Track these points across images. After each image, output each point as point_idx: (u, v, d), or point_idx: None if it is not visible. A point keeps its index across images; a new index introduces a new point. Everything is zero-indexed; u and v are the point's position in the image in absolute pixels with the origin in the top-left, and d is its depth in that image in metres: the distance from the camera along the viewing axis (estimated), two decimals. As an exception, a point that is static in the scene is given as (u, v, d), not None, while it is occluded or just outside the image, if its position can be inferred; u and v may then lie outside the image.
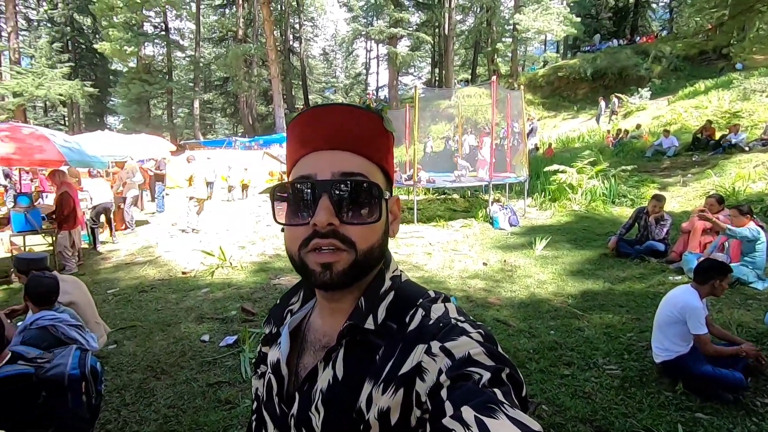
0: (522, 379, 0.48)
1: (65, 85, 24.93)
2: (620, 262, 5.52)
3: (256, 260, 6.32)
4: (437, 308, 0.58)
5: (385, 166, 0.62)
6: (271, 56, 24.46)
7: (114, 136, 12.03)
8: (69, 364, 2.19)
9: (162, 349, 3.64)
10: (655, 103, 19.18)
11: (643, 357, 3.21)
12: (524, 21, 23.78)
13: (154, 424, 2.68)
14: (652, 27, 32.97)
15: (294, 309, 0.71)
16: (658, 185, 9.72)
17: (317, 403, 0.57)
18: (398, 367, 0.53)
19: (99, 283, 5.48)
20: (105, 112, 37.34)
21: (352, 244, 0.55)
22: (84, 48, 33.24)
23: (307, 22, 40.17)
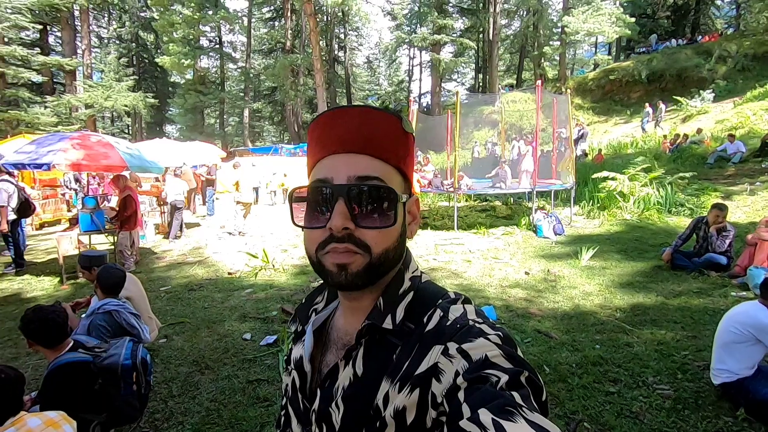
0: (542, 383, 0.47)
1: (130, 96, 26.89)
2: (675, 275, 5.17)
3: (297, 263, 6.49)
4: (455, 309, 0.58)
5: (403, 168, 0.62)
6: (316, 66, 25.18)
7: (171, 143, 12.83)
8: (122, 355, 2.35)
9: (207, 345, 3.82)
10: (718, 105, 17.86)
11: (699, 378, 2.98)
12: (573, 23, 22.94)
13: (197, 416, 2.81)
14: (716, 25, 30.77)
15: (318, 308, 0.73)
16: (721, 194, 9.03)
17: (337, 400, 0.59)
18: (414, 367, 0.53)
19: (153, 280, 5.84)
20: (164, 121, 39.88)
21: (367, 247, 0.56)
22: (147, 62, 35.77)
23: (352, 32, 41.01)
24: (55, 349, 2.21)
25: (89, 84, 25.99)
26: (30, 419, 1.63)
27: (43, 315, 2.20)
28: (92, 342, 2.43)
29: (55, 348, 2.21)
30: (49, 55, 24.49)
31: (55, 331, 2.20)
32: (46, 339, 2.18)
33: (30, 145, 5.81)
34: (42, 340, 2.17)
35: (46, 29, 25.93)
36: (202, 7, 27.43)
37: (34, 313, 2.19)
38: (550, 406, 0.45)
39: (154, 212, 9.96)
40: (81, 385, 2.15)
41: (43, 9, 22.30)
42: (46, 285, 5.76)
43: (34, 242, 8.48)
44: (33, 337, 2.16)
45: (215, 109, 37.11)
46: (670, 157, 12.86)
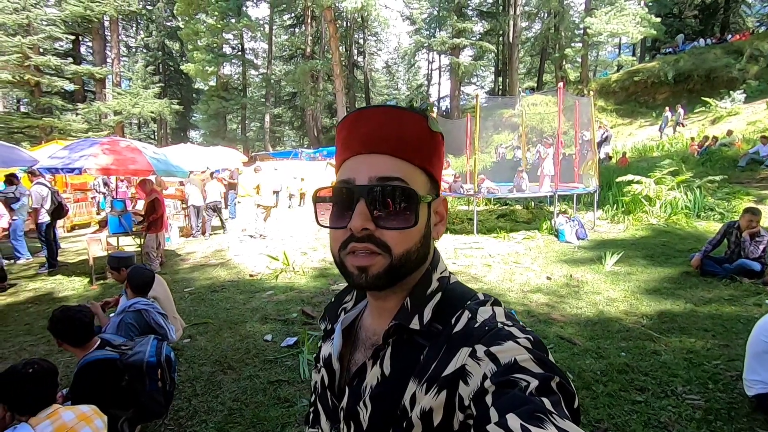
0: (573, 390, 0.46)
1: (156, 103, 27.76)
2: (705, 281, 4.99)
3: (317, 266, 6.55)
4: (484, 311, 0.58)
5: (428, 168, 0.62)
6: (336, 71, 25.48)
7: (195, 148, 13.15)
8: (147, 352, 2.43)
9: (229, 346, 3.88)
10: (750, 107, 17.23)
11: (731, 388, 2.87)
12: (596, 24, 22.50)
13: (220, 415, 2.86)
14: (747, 23, 29.73)
15: (347, 307, 0.74)
16: (753, 198, 8.69)
17: (365, 399, 0.59)
18: (442, 369, 0.53)
19: (177, 282, 5.98)
20: (188, 127, 40.95)
21: (388, 248, 0.56)
22: (172, 70, 36.86)
23: (371, 37, 41.30)
24: (83, 348, 2.29)
25: (118, 92, 26.96)
26: (64, 413, 1.70)
27: (70, 314, 2.28)
28: (119, 340, 2.51)
29: (83, 346, 2.29)
30: (80, 65, 25.52)
31: (82, 330, 2.28)
32: (74, 338, 2.26)
33: (63, 151, 6.06)
34: (70, 338, 2.26)
35: (78, 39, 27.06)
36: (225, 16, 28.10)
37: (61, 313, 2.28)
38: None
39: (178, 215, 10.22)
40: (108, 381, 2.23)
41: (75, 20, 23.30)
42: (77, 285, 5.97)
43: (65, 244, 8.80)
44: (61, 336, 2.25)
45: (237, 115, 37.88)
46: (698, 160, 12.46)
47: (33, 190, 6.38)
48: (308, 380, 3.24)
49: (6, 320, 4.73)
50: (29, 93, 22.20)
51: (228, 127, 37.75)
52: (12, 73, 19.57)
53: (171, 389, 2.57)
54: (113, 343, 2.41)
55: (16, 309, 5.08)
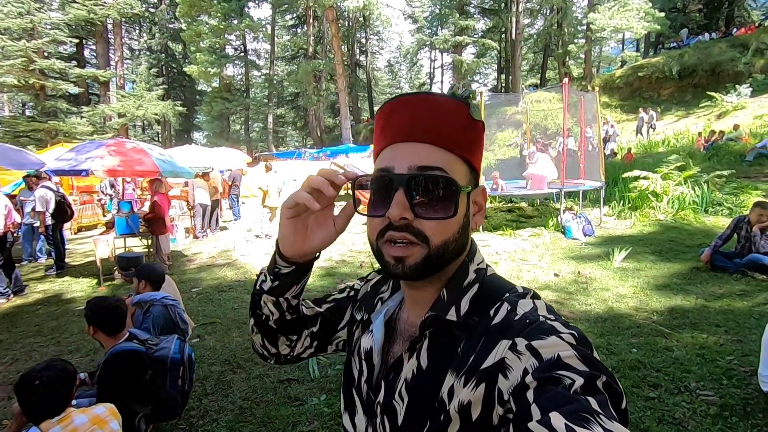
0: (621, 390, 0.44)
1: (159, 105, 27.86)
2: (716, 276, 4.95)
3: (323, 265, 6.55)
4: (524, 303, 0.56)
5: (468, 157, 0.60)
6: (338, 71, 25.46)
7: (199, 149, 13.19)
8: (172, 349, 2.45)
9: (238, 345, 3.89)
10: (757, 100, 17.07)
11: (746, 384, 2.84)
12: (599, 20, 22.35)
13: (231, 414, 2.86)
14: (752, 17, 29.45)
15: (384, 297, 0.72)
16: (762, 192, 8.61)
17: (401, 392, 0.59)
18: (480, 362, 0.52)
19: (185, 282, 5.99)
20: (191, 129, 41.08)
21: (426, 238, 0.56)
22: (175, 72, 36.96)
23: (373, 36, 41.25)
24: (116, 337, 2.31)
25: (122, 94, 27.09)
26: (77, 417, 1.69)
27: (110, 303, 2.32)
28: (145, 335, 2.53)
29: (115, 335, 2.31)
30: (84, 68, 25.65)
31: (118, 318, 2.31)
32: (110, 326, 2.29)
33: (70, 153, 6.10)
34: (106, 326, 2.28)
35: (81, 43, 27.15)
36: (227, 17, 28.14)
37: (101, 301, 2.33)
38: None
39: (184, 216, 10.26)
40: (134, 373, 2.25)
41: (79, 24, 23.43)
42: (84, 286, 6.00)
43: (72, 246, 8.85)
44: (99, 323, 2.27)
45: (240, 116, 37.97)
46: (704, 154, 12.36)
47: (37, 193, 6.41)
48: (317, 379, 3.24)
49: (16, 322, 4.75)
50: (34, 96, 22.31)
51: (231, 128, 37.80)
52: (17, 77, 19.68)
53: (188, 389, 2.58)
54: (140, 338, 2.44)
55: (26, 311, 5.10)
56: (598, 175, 8.59)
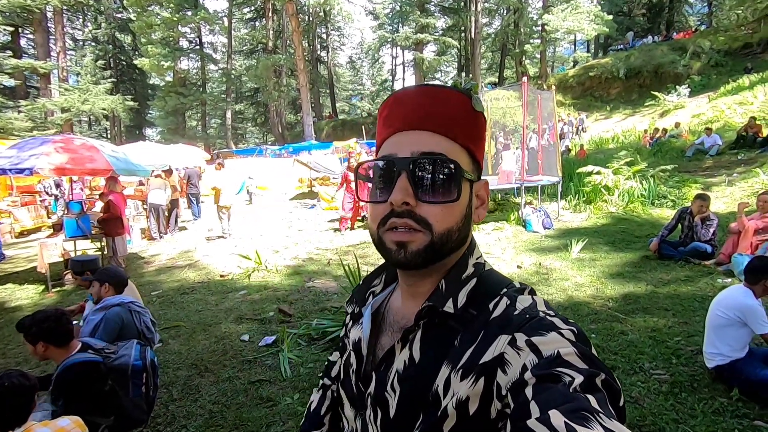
0: (619, 387, 0.44)
1: (108, 100, 26.31)
2: (663, 264, 5.30)
3: (290, 264, 6.45)
4: (524, 299, 0.56)
5: (471, 147, 0.60)
6: (299, 66, 25.04)
7: (155, 146, 12.59)
8: (132, 356, 2.33)
9: (205, 348, 3.77)
10: (694, 100, 18.37)
11: (693, 362, 3.07)
12: (553, 21, 23.32)
13: (201, 419, 2.78)
14: (689, 22, 31.66)
15: (376, 290, 0.73)
16: (701, 185, 9.29)
17: (393, 383, 0.58)
18: (479, 356, 0.51)
19: (143, 285, 5.71)
20: (144, 125, 39.10)
21: (428, 225, 0.55)
22: (125, 64, 35.01)
23: (334, 32, 40.89)
24: (66, 348, 2.17)
25: (65, 87, 25.36)
26: (38, 430, 1.59)
27: (53, 313, 2.17)
28: (100, 344, 2.39)
29: (66, 346, 2.17)
30: (21, 58, 23.75)
31: (66, 326, 2.17)
32: (60, 336, 2.14)
33: (10, 150, 5.63)
34: (55, 338, 2.13)
35: (17, 31, 25.14)
36: (180, 8, 26.96)
37: (41, 314, 2.17)
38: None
39: (139, 216, 9.78)
40: (91, 385, 2.12)
41: (13, 10, 21.65)
42: (31, 293, 5.61)
43: (14, 251, 8.24)
44: (48, 336, 2.11)
45: (197, 111, 36.54)
46: (650, 150, 13.18)
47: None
48: (290, 379, 3.20)
49: (-47, 334, 4.37)
50: (-37, 89, 20.48)
51: (187, 124, 36.35)
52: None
53: (154, 395, 2.47)
54: (95, 347, 2.30)
55: (-36, 322, 4.70)
56: (555, 171, 8.97)
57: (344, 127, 32.41)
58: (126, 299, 2.73)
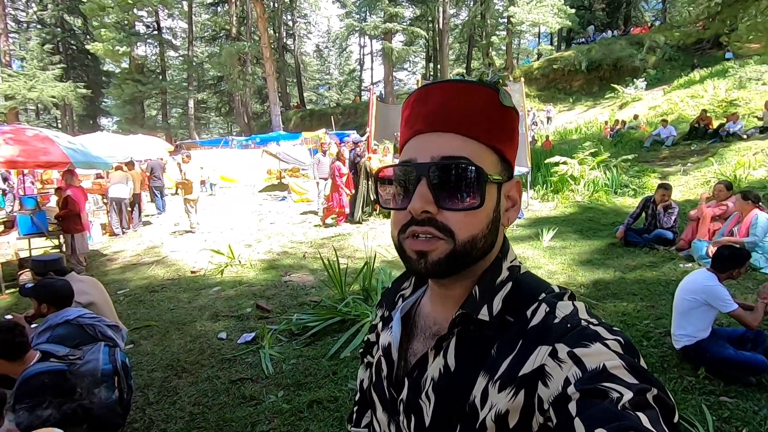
0: (673, 403, 0.41)
1: (58, 87, 24.67)
2: (629, 251, 5.56)
3: (264, 258, 6.31)
4: (564, 306, 0.53)
5: (499, 146, 0.56)
6: (265, 54, 24.33)
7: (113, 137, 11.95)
8: (101, 360, 2.21)
9: (180, 348, 3.64)
10: (650, 93, 19.26)
11: (662, 343, 3.24)
12: (519, 13, 23.71)
13: (181, 422, 2.68)
14: (645, 17, 33.02)
15: (405, 294, 0.70)
16: (658, 175, 9.78)
17: (427, 391, 0.56)
18: (518, 367, 0.49)
19: (107, 284, 5.39)
20: (98, 114, 36.99)
21: (451, 233, 0.52)
22: (75, 49, 32.87)
23: (301, 19, 39.92)
24: (22, 361, 2.02)
25: (8, 73, 23.60)
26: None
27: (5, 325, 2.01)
28: (63, 350, 2.23)
29: (21, 359, 2.02)
30: (-43, 41, 21.85)
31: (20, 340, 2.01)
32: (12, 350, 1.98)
33: (-48, 141, 5.17)
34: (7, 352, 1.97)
35: (-49, 11, 23.08)
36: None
37: None
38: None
39: (98, 211, 9.28)
40: (57, 395, 1.99)
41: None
42: (-18, 296, 5.22)
43: (-41, 250, 7.63)
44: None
45: (156, 100, 34.92)
46: (611, 141, 13.72)
47: None
48: (272, 376, 3.14)
49: None
50: None
51: (146, 114, 34.69)
52: None
53: (129, 398, 2.35)
54: (57, 354, 2.15)
55: None
56: (524, 161, 9.18)
57: (312, 117, 31.90)
58: (72, 314, 2.45)
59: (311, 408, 2.72)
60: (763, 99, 11.90)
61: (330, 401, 2.77)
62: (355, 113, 30.86)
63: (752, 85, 13.99)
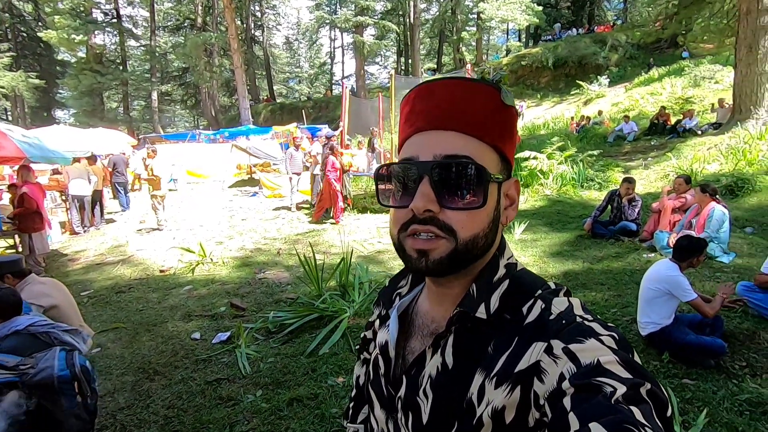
0: (666, 397, 0.42)
1: (7, 76, 23.17)
2: (596, 242, 5.77)
3: (236, 255, 6.17)
4: (559, 302, 0.53)
5: (500, 145, 0.57)
6: (233, 45, 23.66)
7: (71, 130, 11.32)
8: (56, 366, 2.10)
9: (151, 350, 3.52)
10: (613, 90, 19.98)
11: (629, 330, 3.39)
12: (488, 9, 24.04)
13: (155, 426, 2.60)
14: (608, 17, 34.16)
15: (403, 292, 0.70)
16: (622, 169, 10.18)
17: (425, 388, 0.56)
18: (514, 363, 0.50)
19: (69, 285, 5.07)
20: (53, 106, 34.96)
21: (452, 231, 0.52)
22: (26, 36, 30.88)
23: (269, 10, 38.97)
24: None
25: (-50, 61, 21.90)
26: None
27: None
28: (12, 359, 2.10)
29: None
30: None
31: None
32: None
33: None
34: None
35: None
36: (92, -25, 24.20)
37: None
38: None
39: (57, 209, 8.82)
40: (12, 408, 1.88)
41: None
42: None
43: None
44: None
45: (117, 92, 33.35)
46: (577, 137, 14.17)
47: None
48: (250, 375, 3.08)
49: None
50: None
51: (106, 106, 33.09)
52: None
53: (94, 401, 2.25)
54: (7, 365, 2.02)
55: None
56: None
57: (283, 111, 31.31)
58: (21, 324, 2.29)
59: (291, 406, 2.70)
60: (716, 97, 12.59)
61: (310, 398, 2.75)
62: (327, 107, 30.50)
63: (706, 84, 14.76)
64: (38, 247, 5.42)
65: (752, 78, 9.47)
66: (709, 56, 17.57)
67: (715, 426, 2.31)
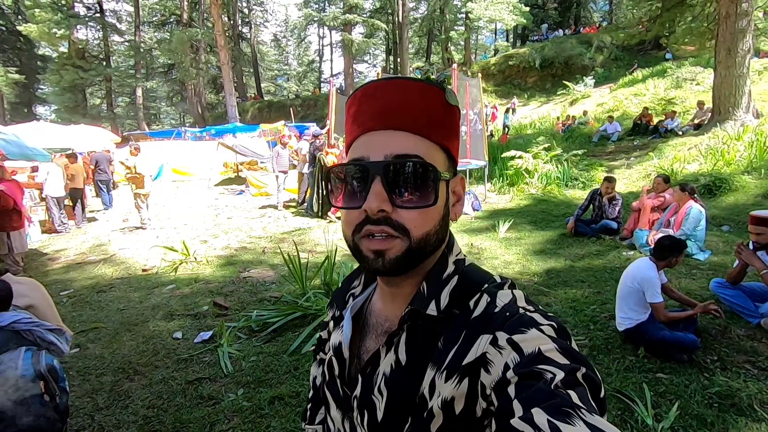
0: (599, 380, 0.44)
1: (-15, 71, 22.57)
2: (578, 240, 5.86)
3: (221, 254, 6.12)
4: (503, 295, 0.55)
5: (446, 144, 0.58)
6: (220, 42, 23.39)
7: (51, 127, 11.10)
8: (20, 366, 2.05)
9: (132, 350, 3.48)
10: (598, 90, 20.26)
11: (607, 327, 3.46)
12: (477, 9, 24.16)
13: (134, 426, 2.57)
14: (594, 18, 34.62)
15: (356, 292, 0.71)
16: (605, 168, 10.36)
17: (380, 387, 0.57)
18: (462, 357, 0.51)
19: (49, 285, 5.07)
20: (33, 102, 34.18)
21: (406, 231, 0.53)
22: (5, 30, 30.11)
23: (257, 6, 38.62)
24: None
25: (-75, 54, 21.24)
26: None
27: None
28: None
29: None
30: None
31: None
32: None
33: None
34: None
35: None
36: (74, -32, 23.68)
37: None
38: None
39: (36, 207, 8.64)
40: None
41: None
42: None
43: None
44: None
45: (100, 88, 32.71)
46: (563, 136, 14.36)
47: None
48: (231, 374, 3.07)
49: None
50: None
51: (89, 103, 32.44)
52: None
53: (64, 400, 2.21)
54: None
55: None
56: (482, 155, 9.43)
57: (271, 108, 31.10)
58: (5, 320, 2.28)
59: (272, 404, 2.69)
60: (697, 98, 12.85)
61: (291, 396, 2.75)
62: (315, 105, 30.38)
63: (687, 85, 15.06)
64: (16, 245, 5.31)
65: (731, 80, 9.70)
66: (691, 58, 17.94)
67: (686, 418, 2.38)
